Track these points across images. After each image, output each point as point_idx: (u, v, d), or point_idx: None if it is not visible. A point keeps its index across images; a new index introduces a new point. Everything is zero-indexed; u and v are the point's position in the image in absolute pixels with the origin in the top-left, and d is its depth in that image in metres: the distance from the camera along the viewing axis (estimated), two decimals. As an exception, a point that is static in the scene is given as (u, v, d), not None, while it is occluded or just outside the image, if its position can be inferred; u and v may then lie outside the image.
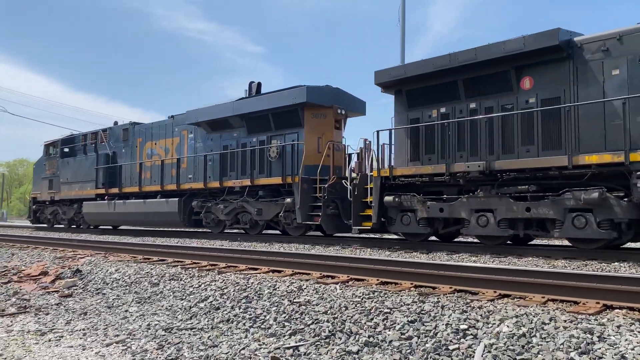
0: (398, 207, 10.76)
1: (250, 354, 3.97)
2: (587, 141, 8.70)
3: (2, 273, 8.62)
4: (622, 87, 8.43)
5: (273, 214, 13.69)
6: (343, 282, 5.87)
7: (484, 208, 9.60)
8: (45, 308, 5.98)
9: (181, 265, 7.82)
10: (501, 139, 9.70)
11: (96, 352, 4.18)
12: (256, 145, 14.42)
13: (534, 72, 9.47)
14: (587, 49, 8.89)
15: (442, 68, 10.22)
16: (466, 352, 3.59)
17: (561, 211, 8.68)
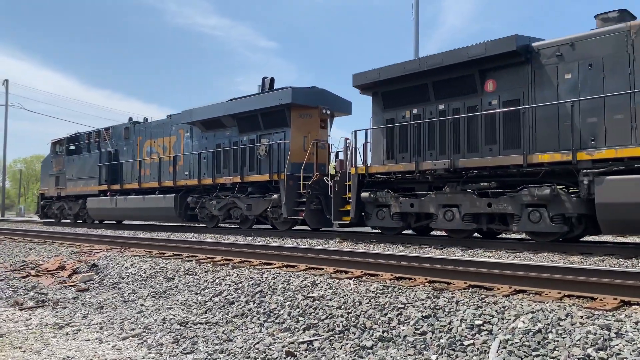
0: (374, 202, 11.39)
1: (264, 348, 3.99)
2: (543, 141, 9.25)
3: (21, 267, 8.76)
4: (574, 90, 8.97)
5: (262, 209, 14.28)
6: (357, 277, 5.87)
7: (450, 203, 10.19)
8: (63, 302, 6.06)
9: (196, 260, 7.87)
10: (466, 138, 10.29)
11: (112, 346, 4.23)
12: (247, 144, 15.02)
13: (496, 75, 10.01)
14: (543, 54, 9.43)
15: (413, 72, 10.82)
16: (481, 348, 3.57)
17: (519, 206, 9.24)
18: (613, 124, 8.50)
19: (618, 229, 8.73)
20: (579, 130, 8.81)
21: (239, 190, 14.89)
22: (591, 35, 8.92)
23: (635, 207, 7.70)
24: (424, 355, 3.62)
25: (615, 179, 8.04)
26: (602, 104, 8.64)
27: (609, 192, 8.01)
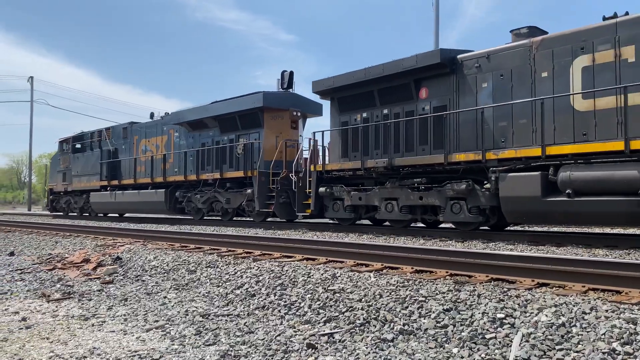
0: (330, 196, 12.84)
1: (285, 340, 4.02)
2: (464, 142, 10.51)
3: (47, 260, 8.95)
4: (489, 98, 10.21)
5: (239, 203, 15.71)
6: (377, 270, 5.86)
7: (391, 197, 11.55)
8: (88, 294, 6.19)
9: (217, 253, 7.95)
10: (404, 139, 11.61)
11: (137, 337, 4.30)
12: (227, 143, 16.43)
13: (428, 84, 11.32)
14: (466, 65, 10.64)
15: (360, 80, 12.18)
16: (503, 341, 3.55)
17: (444, 199, 10.55)
18: (519, 127, 9.73)
19: (518, 218, 9.84)
20: (492, 133, 10.07)
21: (219, 186, 16.33)
22: (503, 49, 10.18)
23: (527, 199, 8.97)
24: (445, 349, 3.61)
25: (514, 176, 9.28)
26: (510, 110, 9.84)
27: (509, 186, 9.26)
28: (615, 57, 8.64)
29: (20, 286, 6.76)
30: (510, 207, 9.33)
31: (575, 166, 8.64)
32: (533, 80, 9.59)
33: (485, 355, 3.41)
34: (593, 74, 8.87)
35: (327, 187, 12.75)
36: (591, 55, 8.91)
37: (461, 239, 9.72)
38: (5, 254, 10.11)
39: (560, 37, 9.38)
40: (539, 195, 8.82)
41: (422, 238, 10.18)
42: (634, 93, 8.28)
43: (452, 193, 10.33)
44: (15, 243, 11.78)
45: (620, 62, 8.59)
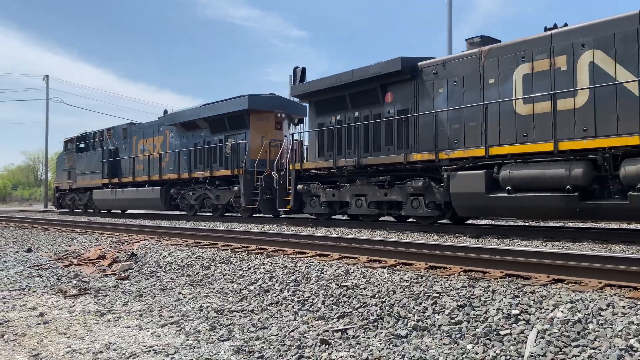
0: (308, 193, 13.75)
1: (299, 336, 4.03)
2: (423, 143, 11.32)
3: (64, 256, 9.07)
4: (444, 102, 11.02)
5: (227, 199, 16.70)
6: (390, 266, 5.85)
7: (360, 193, 12.47)
8: (104, 290, 6.25)
9: (231, 249, 7.99)
10: (372, 140, 12.50)
11: (152, 333, 4.34)
12: (216, 143, 17.42)
13: (392, 89, 12.14)
14: (425, 72, 11.48)
15: (333, 85, 13.13)
16: (518, 338, 3.52)
17: (405, 195, 11.44)
18: (469, 129, 10.48)
19: (467, 212, 10.70)
20: (447, 134, 10.90)
21: (209, 183, 17.35)
22: (457, 57, 11.05)
23: (474, 195, 9.83)
24: (460, 345, 3.59)
25: (462, 174, 10.09)
26: (462, 114, 10.62)
27: (458, 184, 10.08)
28: (551, 66, 9.41)
29: (38, 282, 6.86)
30: (460, 203, 10.23)
31: (515, 165, 9.44)
32: (482, 86, 10.41)
33: (500, 351, 3.39)
34: (532, 81, 9.63)
35: (304, 185, 13.79)
36: (530, 63, 9.67)
37: (475, 235, 9.66)
38: (23, 250, 10.25)
39: (505, 47, 10.17)
40: (484, 191, 9.66)
41: (436, 234, 10.13)
42: (563, 99, 9.12)
43: (411, 190, 11.24)
44: (32, 240, 11.94)
45: (555, 71, 9.37)
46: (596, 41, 8.83)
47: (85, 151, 24.50)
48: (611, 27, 8.66)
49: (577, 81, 9.05)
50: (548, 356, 3.20)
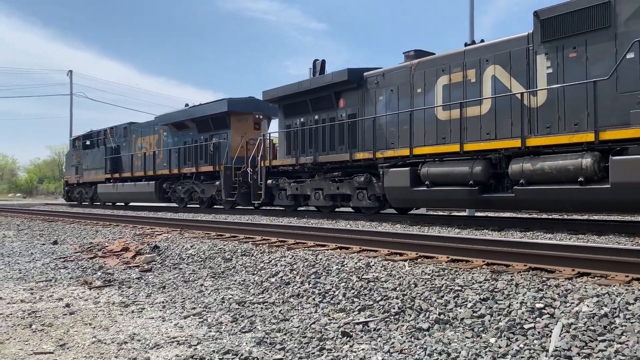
0: (276, 187, 15.39)
1: (320, 328, 4.03)
2: (367, 143, 12.73)
3: (88, 249, 9.23)
4: (384, 108, 12.43)
5: (211, 193, 18.34)
6: (412, 259, 5.81)
7: (318, 187, 14.06)
8: (128, 282, 6.35)
9: (252, 241, 8.03)
10: (329, 140, 13.96)
11: (175, 324, 4.39)
12: (202, 142, 19.03)
13: (344, 96, 13.63)
14: (368, 82, 12.91)
15: (296, 91, 14.61)
16: (542, 332, 3.47)
17: (352, 189, 13.02)
18: (402, 132, 11.85)
19: (397, 203, 12.41)
20: (385, 136, 12.28)
21: (195, 178, 19.11)
22: (393, 69, 12.41)
23: (401, 189, 11.37)
24: (483, 338, 3.56)
25: (393, 171, 11.60)
26: (397, 118, 12.00)
27: (390, 179, 11.64)
28: (463, 78, 10.78)
29: (64, 274, 7.00)
30: (391, 195, 11.86)
31: (432, 163, 10.94)
32: (412, 95, 11.83)
33: (523, 345, 3.34)
34: (450, 91, 10.99)
35: (273, 180, 15.38)
36: (449, 75, 11.04)
37: (498, 228, 9.55)
38: (49, 242, 10.47)
39: (430, 61, 11.60)
40: (409, 185, 11.21)
41: (457, 227, 10.05)
42: (472, 107, 10.52)
43: (357, 184, 12.80)
44: (58, 232, 12.18)
45: (466, 82, 10.73)
46: (497, 57, 10.18)
47: (91, 148, 26.40)
48: (508, 46, 10.02)
49: (482, 92, 10.43)
50: (573, 350, 3.15)
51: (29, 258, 8.47)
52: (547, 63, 9.37)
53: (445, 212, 16.61)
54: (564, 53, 9.12)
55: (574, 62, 8.99)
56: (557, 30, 9.16)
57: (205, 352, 3.56)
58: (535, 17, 9.50)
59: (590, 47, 8.77)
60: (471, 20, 17.14)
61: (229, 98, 17.97)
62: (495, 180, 10.02)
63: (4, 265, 7.80)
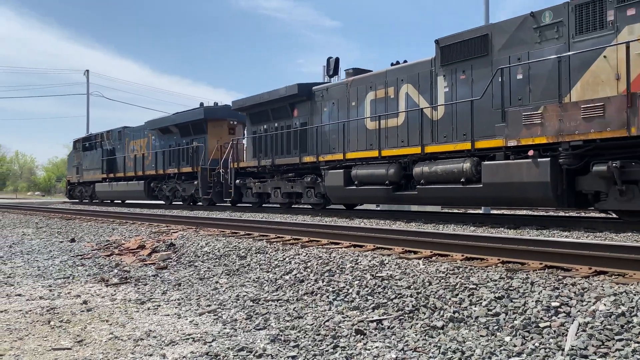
0: (244, 186, 17.53)
1: (334, 325, 4.04)
2: (315, 148, 14.66)
3: (105, 246, 9.34)
4: (327, 118, 14.54)
5: (191, 192, 20.68)
6: (426, 257, 5.80)
7: (277, 186, 16.13)
8: (144, 279, 6.42)
9: (266, 239, 8.07)
10: (285, 145, 16.00)
11: (190, 321, 4.43)
12: (184, 145, 21.15)
13: (297, 107, 15.65)
14: (316, 95, 14.99)
15: (259, 102, 16.77)
16: (558, 330, 3.44)
17: (303, 188, 15.11)
18: (340, 139, 13.88)
19: (335, 200, 14.29)
20: (329, 142, 14.38)
21: (177, 178, 21.46)
22: (334, 85, 14.61)
23: (337, 187, 13.51)
24: (497, 337, 3.54)
25: (331, 172, 13.70)
26: (336, 127, 14.06)
27: (329, 179, 13.76)
28: (385, 94, 12.79)
29: (81, 271, 7.10)
30: (330, 193, 13.98)
31: (360, 166, 12.95)
32: (348, 107, 13.94)
33: (539, 344, 3.32)
34: (376, 105, 13.04)
35: (241, 180, 17.50)
36: (374, 92, 13.10)
37: (514, 226, 9.47)
38: (67, 240, 10.61)
39: (361, 79, 13.67)
40: (343, 185, 13.29)
41: (472, 225, 9.99)
42: (391, 119, 12.59)
43: (306, 184, 14.88)
44: (75, 230, 12.35)
45: (387, 98, 12.75)
46: (409, 78, 12.17)
47: (90, 150, 28.75)
48: (417, 68, 12.00)
49: (399, 106, 12.46)
50: (590, 350, 3.12)
51: (47, 255, 8.60)
52: (444, 83, 11.33)
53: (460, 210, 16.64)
54: (457, 75, 11.06)
55: (463, 83, 10.92)
56: (452, 56, 11.06)
57: (220, 349, 3.59)
58: (436, 44, 11.41)
59: (474, 71, 10.71)
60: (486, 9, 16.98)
61: (205, 106, 20.54)
62: (405, 180, 12.04)
63: (23, 262, 7.93)
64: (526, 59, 9.72)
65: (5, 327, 4.31)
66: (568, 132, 8.65)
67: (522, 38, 9.88)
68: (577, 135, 8.54)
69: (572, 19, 9.18)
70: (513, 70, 9.85)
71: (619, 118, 8.03)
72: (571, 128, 8.60)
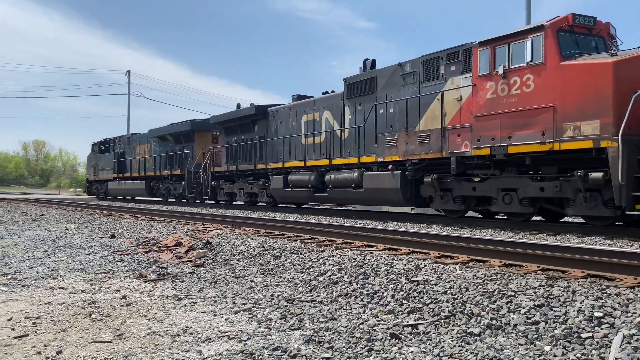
0: (218, 187, 21.27)
1: (369, 329, 4.02)
2: (268, 158, 18.18)
3: (144, 243, 9.56)
4: (277, 134, 17.91)
5: (180, 191, 24.38)
6: (463, 262, 5.70)
7: (241, 188, 19.93)
8: (181, 276, 6.54)
9: (300, 240, 8.09)
10: (248, 154, 19.43)
11: (226, 319, 4.49)
12: (177, 152, 24.86)
13: (257, 123, 19.14)
14: (270, 114, 18.48)
15: (230, 118, 20.56)
16: (601, 342, 3.33)
17: (259, 189, 18.80)
18: (285, 151, 17.26)
19: (278, 200, 18.04)
20: (277, 153, 17.67)
21: (170, 179, 25.39)
22: (282, 107, 18.11)
23: (278, 190, 17.01)
24: (537, 346, 3.45)
25: (274, 177, 17.34)
26: (281, 141, 17.50)
27: (274, 183, 17.28)
28: (314, 118, 16.23)
29: (121, 267, 7.28)
30: (274, 194, 17.62)
31: (294, 172, 16.50)
32: (290, 126, 17.28)
33: (580, 355, 3.22)
34: (308, 125, 16.49)
35: (215, 181, 21.31)
36: (307, 115, 16.58)
37: (554, 233, 9.22)
38: (107, 236, 10.91)
39: (300, 104, 17.13)
40: (282, 187, 16.84)
41: (511, 230, 9.78)
42: (317, 137, 15.99)
43: (259, 186, 18.72)
44: (115, 226, 12.67)
45: (315, 121, 16.19)
46: (328, 106, 15.68)
47: (105, 152, 33.04)
48: (334, 99, 15.56)
49: (322, 127, 15.83)
50: (635, 363, 3.01)
51: (88, 250, 8.86)
52: (348, 112, 14.91)
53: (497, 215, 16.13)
54: (355, 106, 14.56)
55: (359, 113, 14.37)
56: (353, 92, 14.57)
57: (254, 348, 3.62)
58: (344, 82, 14.92)
59: (365, 104, 14.11)
60: (528, 10, 16.62)
61: (192, 120, 24.69)
62: (322, 185, 15.39)
63: (66, 256, 8.19)
64: (396, 97, 13.00)
65: (50, 318, 4.46)
66: (410, 153, 12.26)
67: (393, 81, 13.16)
68: (415, 155, 12.15)
69: (421, 70, 12.32)
70: (388, 105, 13.20)
71: (437, 144, 11.57)
72: (412, 150, 12.22)
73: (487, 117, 10.35)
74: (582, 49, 9.67)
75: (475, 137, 10.55)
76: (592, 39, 10.01)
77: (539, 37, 9.61)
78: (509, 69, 10.00)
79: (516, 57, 9.95)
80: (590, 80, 8.89)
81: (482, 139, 10.42)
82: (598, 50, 9.75)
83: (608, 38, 10.24)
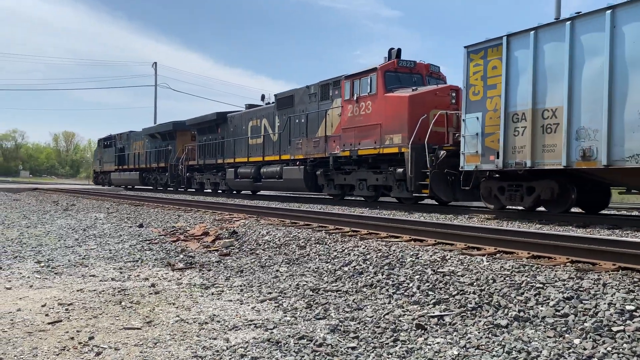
0: (192, 177, 25.85)
1: (394, 319, 4.02)
2: (227, 155, 22.59)
3: (171, 232, 9.70)
4: (234, 136, 22.06)
5: (165, 180, 29.03)
6: (490, 254, 5.64)
7: (207, 178, 24.39)
8: (208, 265, 6.63)
9: (325, 230, 8.11)
10: (213, 151, 23.67)
11: (252, 307, 4.54)
12: (163, 148, 29.42)
13: (220, 126, 23.33)
14: (229, 119, 22.82)
15: (200, 122, 24.77)
16: (633, 336, 3.27)
17: (220, 179, 23.05)
18: (238, 149, 21.70)
19: (233, 188, 22.53)
20: (233, 151, 21.99)
21: (157, 171, 30.39)
22: (237, 113, 22.63)
23: (231, 180, 21.72)
24: (566, 339, 3.40)
25: (228, 170, 21.95)
26: (234, 142, 21.94)
27: (228, 174, 21.72)
28: (257, 123, 20.46)
29: (149, 255, 7.41)
30: (228, 183, 22.03)
31: (242, 166, 20.90)
32: (241, 130, 21.62)
33: (612, 348, 3.17)
34: (253, 129, 20.77)
35: (189, 173, 26.01)
36: (252, 121, 20.90)
37: (583, 224, 9.05)
38: (135, 225, 11.11)
39: (248, 112, 21.70)
40: (233, 178, 21.24)
41: (539, 222, 9.63)
42: (256, 139, 20.42)
43: (219, 177, 23.15)
44: (143, 216, 12.89)
45: (256, 125, 20.50)
46: (266, 115, 19.96)
47: (108, 147, 38.56)
48: (269, 109, 19.80)
49: (261, 131, 20.01)
50: (668, 357, 2.95)
51: (117, 239, 9.04)
52: (278, 120, 19.07)
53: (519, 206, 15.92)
54: (282, 116, 18.68)
55: (284, 121, 18.40)
56: (281, 105, 18.77)
57: (281, 336, 3.66)
58: (275, 97, 19.30)
59: (288, 115, 18.23)
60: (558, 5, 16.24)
61: (175, 121, 28.66)
62: (259, 176, 19.57)
63: (96, 245, 8.37)
64: (305, 111, 17.39)
65: (82, 305, 4.58)
66: (309, 153, 16.89)
67: (303, 99, 17.60)
68: (311, 155, 16.80)
69: (320, 92, 16.72)
70: (300, 117, 17.57)
71: (323, 147, 16.25)
72: (310, 151, 16.87)
73: (348, 130, 15.16)
74: (404, 84, 14.07)
75: (342, 143, 15.38)
76: (413, 76, 14.47)
77: (374, 75, 14.24)
78: (359, 96, 14.75)
79: (363, 89, 14.64)
80: (397, 107, 13.54)
81: (346, 144, 15.25)
82: (416, 85, 14.04)
83: (427, 74, 14.61)
